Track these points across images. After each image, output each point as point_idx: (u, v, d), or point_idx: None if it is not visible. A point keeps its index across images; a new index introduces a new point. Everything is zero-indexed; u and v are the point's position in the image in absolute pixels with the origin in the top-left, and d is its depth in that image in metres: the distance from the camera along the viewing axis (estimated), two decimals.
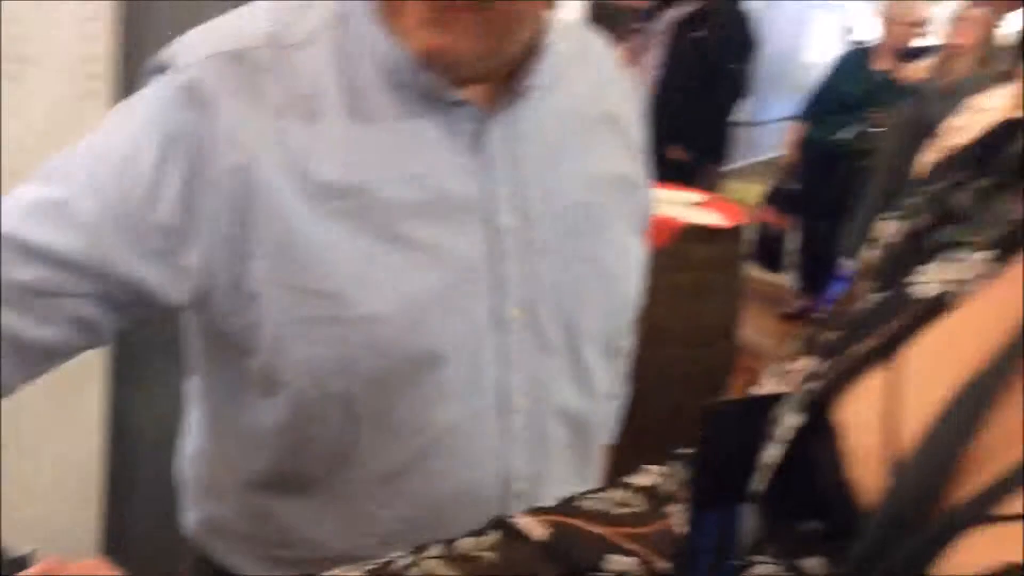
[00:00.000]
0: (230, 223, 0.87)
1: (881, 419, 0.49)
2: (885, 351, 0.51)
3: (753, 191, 5.69)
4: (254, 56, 0.89)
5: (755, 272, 4.85)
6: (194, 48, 0.90)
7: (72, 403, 1.86)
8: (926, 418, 0.46)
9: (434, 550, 0.67)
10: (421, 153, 0.92)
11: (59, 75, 1.68)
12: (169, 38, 0.93)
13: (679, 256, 2.92)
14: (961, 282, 0.51)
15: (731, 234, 3.08)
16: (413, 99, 0.91)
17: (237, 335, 0.91)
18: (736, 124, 4.80)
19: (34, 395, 0.89)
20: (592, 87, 1.05)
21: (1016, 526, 0.40)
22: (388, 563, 0.66)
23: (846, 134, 4.58)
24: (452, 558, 0.66)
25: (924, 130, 3.89)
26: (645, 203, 1.12)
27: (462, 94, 0.92)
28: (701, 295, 3.00)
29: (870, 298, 0.56)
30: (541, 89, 0.96)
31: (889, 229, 0.58)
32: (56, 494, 1.89)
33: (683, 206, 3.22)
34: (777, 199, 5.08)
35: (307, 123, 0.88)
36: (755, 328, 4.01)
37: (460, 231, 0.93)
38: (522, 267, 0.95)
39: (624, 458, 1.05)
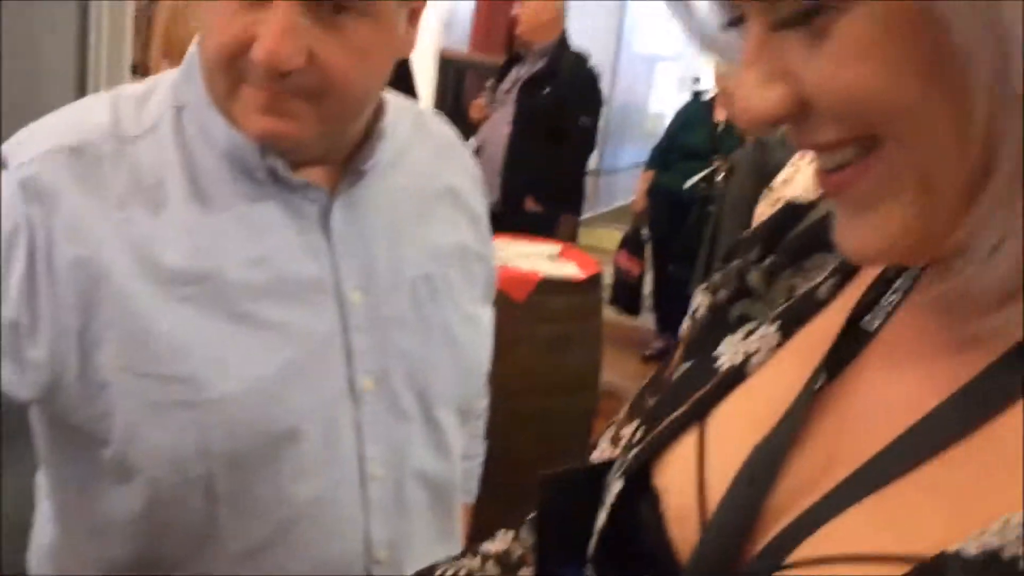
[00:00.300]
0: (76, 315, 0.87)
1: (694, 481, 0.54)
2: (696, 417, 0.56)
3: (610, 237, 5.88)
4: (94, 149, 0.90)
5: (615, 317, 5.00)
6: (32, 143, 0.90)
7: None
8: (729, 478, 0.51)
9: None
10: (268, 235, 0.94)
11: None
12: (4, 135, 0.93)
13: (539, 309, 2.99)
14: (756, 352, 0.56)
15: (588, 284, 3.17)
16: (257, 183, 0.94)
17: (88, 425, 0.90)
18: (589, 174, 4.95)
19: None
20: (431, 163, 1.10)
21: (808, 570, 0.45)
22: None
23: (693, 181, 4.78)
24: None
25: (765, 179, 4.11)
26: (489, 271, 1.17)
27: (305, 176, 0.95)
28: (562, 346, 3.06)
29: (682, 367, 0.62)
30: (382, 168, 1.01)
31: (700, 301, 0.64)
32: None
33: (541, 259, 3.31)
34: (631, 245, 5.24)
35: (151, 212, 0.90)
36: (618, 372, 4.12)
37: (310, 309, 0.95)
38: (372, 339, 0.98)
39: (493, 511, 1.09)
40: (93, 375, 0.88)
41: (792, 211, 0.63)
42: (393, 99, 1.06)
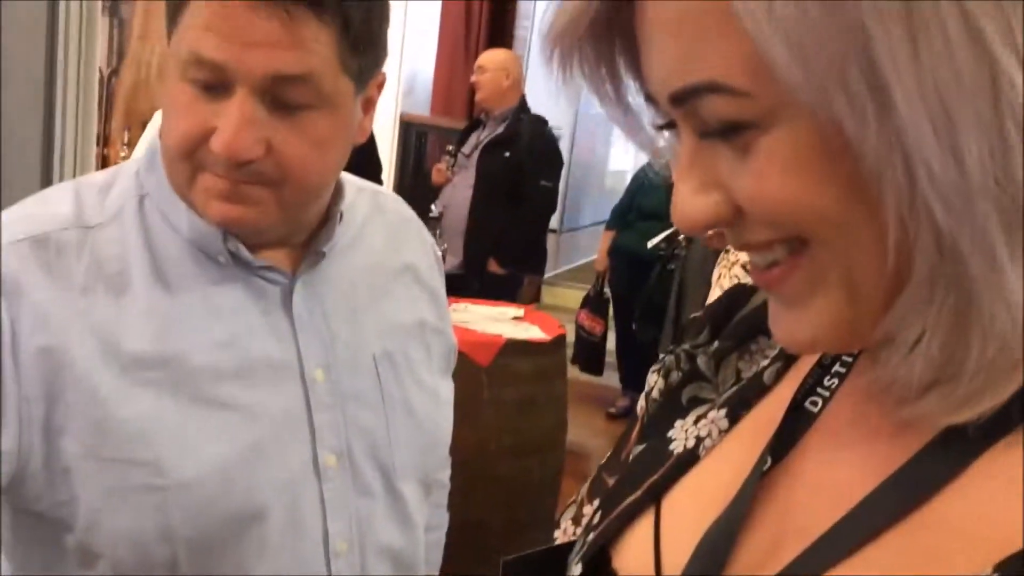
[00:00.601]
0: (40, 403, 0.87)
1: (651, 563, 0.56)
2: (651, 499, 0.58)
3: (572, 296, 5.92)
4: (57, 238, 0.91)
5: (579, 375, 5.02)
6: None
7: None
8: (684, 558, 0.53)
9: None
10: (230, 317, 0.96)
11: None
12: None
13: (504, 372, 3.01)
14: (707, 437, 0.59)
15: (553, 345, 3.19)
16: (220, 266, 0.96)
17: (52, 512, 0.91)
18: (549, 233, 5.00)
19: None
20: (388, 241, 1.13)
21: None
22: None
23: (655, 242, 4.84)
24: None
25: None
26: (448, 345, 1.19)
27: (267, 258, 0.98)
28: (528, 408, 3.08)
29: (637, 449, 0.64)
30: (341, 249, 1.03)
31: (652, 382, 0.67)
32: None
33: (505, 322, 3.33)
34: (593, 304, 5.27)
35: (114, 298, 0.91)
36: (584, 431, 4.13)
37: (272, 389, 0.97)
38: (334, 416, 1.00)
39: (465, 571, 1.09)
40: (57, 462, 0.89)
41: (738, 294, 0.66)
42: (350, 180, 1.09)
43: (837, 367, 0.55)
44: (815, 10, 0.39)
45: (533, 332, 3.23)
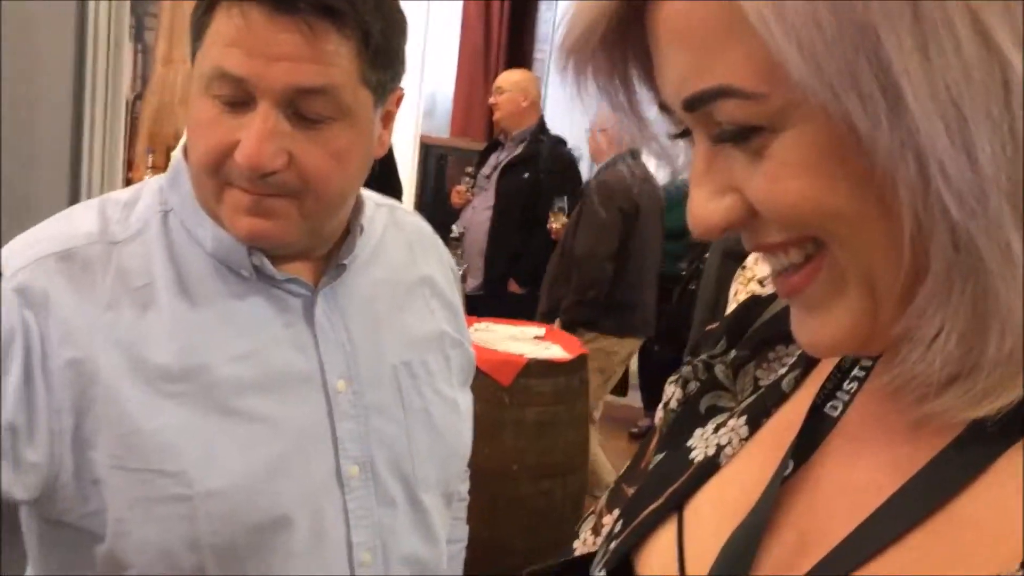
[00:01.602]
0: (69, 415, 0.89)
1: (675, 569, 0.56)
2: (673, 507, 0.59)
3: None
4: (83, 254, 0.93)
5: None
6: (23, 252, 0.93)
7: None
8: (708, 565, 0.53)
9: None
10: (253, 330, 0.97)
11: None
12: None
13: (525, 392, 3.01)
14: (727, 445, 0.59)
15: (574, 365, 3.19)
16: (243, 279, 0.98)
17: (81, 523, 0.92)
18: None
19: None
20: (407, 254, 1.14)
21: None
22: None
23: (676, 260, 4.83)
24: None
25: (730, 255, 4.18)
26: (467, 357, 1.20)
27: (289, 271, 0.99)
28: (549, 428, 3.07)
29: (656, 458, 0.64)
30: (361, 261, 1.05)
31: (670, 392, 0.67)
32: None
33: (526, 341, 3.33)
34: None
35: (140, 312, 0.93)
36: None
37: (296, 400, 0.98)
38: (357, 427, 1.01)
39: None
40: (87, 473, 0.90)
41: (754, 304, 0.66)
42: (369, 195, 1.11)
43: (856, 371, 0.55)
44: (825, 11, 0.40)
45: (555, 351, 3.23)
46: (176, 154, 1.02)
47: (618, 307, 3.98)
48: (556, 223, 4.23)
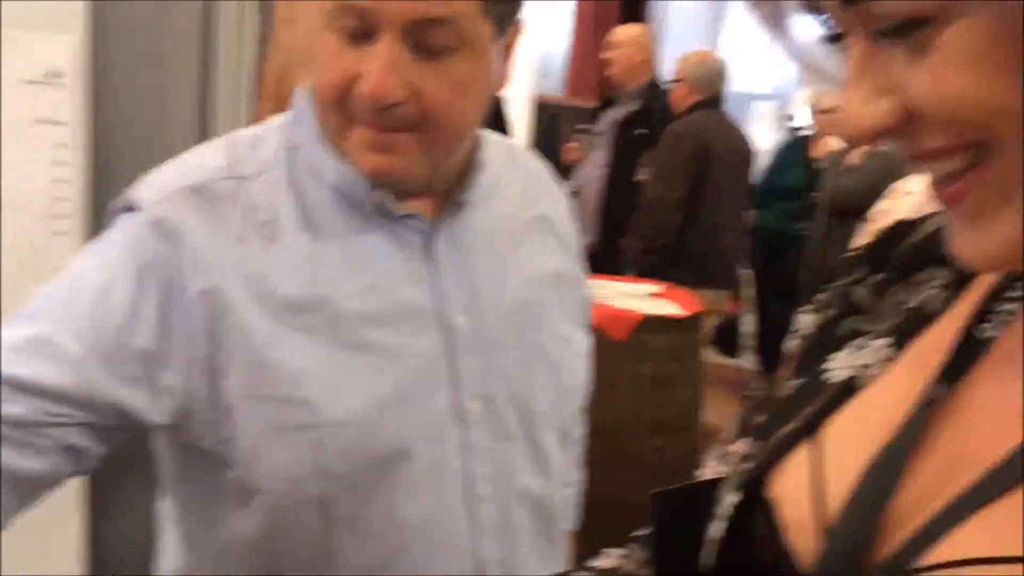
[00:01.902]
0: (203, 343, 0.92)
1: (810, 491, 0.54)
2: (808, 431, 0.57)
3: None
4: (214, 188, 0.95)
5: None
6: (159, 186, 0.96)
7: (51, 533, 1.86)
8: (847, 487, 0.52)
9: None
10: (375, 264, 0.98)
11: (30, 216, 1.73)
12: (133, 180, 0.99)
13: (639, 347, 2.99)
14: (866, 367, 0.57)
15: (688, 323, 3.15)
16: (364, 215, 0.99)
17: (214, 449, 0.95)
18: None
19: (12, 527, 0.90)
20: (524, 193, 1.14)
21: (938, 574, 0.45)
22: None
23: (792, 219, 4.72)
24: None
25: (839, 210, 4.02)
26: (584, 297, 1.19)
27: (409, 207, 1.00)
28: (663, 384, 3.04)
29: (790, 384, 0.62)
30: (480, 198, 1.05)
31: (805, 321, 0.65)
32: None
33: (640, 298, 3.30)
34: None
35: (266, 246, 0.95)
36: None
37: (416, 333, 0.99)
38: (476, 362, 1.01)
39: (595, 548, 1.09)
40: (220, 401, 0.93)
41: (900, 228, 0.63)
42: (487, 134, 1.10)
43: (1011, 292, 0.52)
44: None
45: (670, 308, 3.19)
46: (300, 92, 1.03)
47: (689, 256, 3.82)
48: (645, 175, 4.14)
